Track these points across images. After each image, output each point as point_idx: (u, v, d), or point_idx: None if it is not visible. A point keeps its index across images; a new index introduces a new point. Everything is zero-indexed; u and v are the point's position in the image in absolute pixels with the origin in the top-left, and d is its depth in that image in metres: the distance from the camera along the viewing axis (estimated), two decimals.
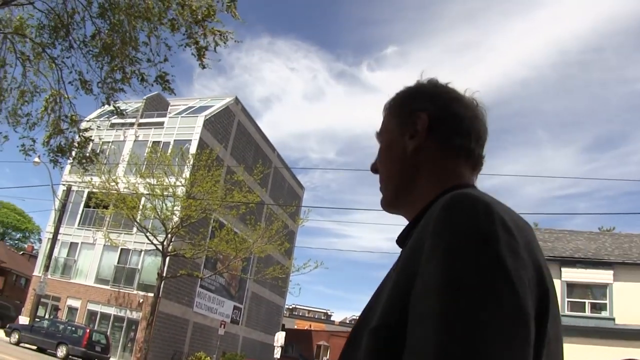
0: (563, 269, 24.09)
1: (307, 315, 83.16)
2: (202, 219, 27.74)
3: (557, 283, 23.72)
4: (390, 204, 1.12)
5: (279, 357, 31.55)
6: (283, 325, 47.33)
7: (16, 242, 65.68)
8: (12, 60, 11.81)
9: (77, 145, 12.58)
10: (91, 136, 13.33)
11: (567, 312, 23.42)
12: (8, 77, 11.96)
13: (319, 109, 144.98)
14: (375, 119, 1.25)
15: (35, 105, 12.57)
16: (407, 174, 1.06)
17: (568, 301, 23.70)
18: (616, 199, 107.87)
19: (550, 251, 25.22)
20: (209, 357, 28.64)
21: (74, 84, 11.45)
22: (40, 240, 67.47)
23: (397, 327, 0.78)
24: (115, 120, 30.96)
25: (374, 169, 1.16)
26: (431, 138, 1.04)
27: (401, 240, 1.03)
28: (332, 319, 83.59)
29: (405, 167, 1.06)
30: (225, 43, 10.76)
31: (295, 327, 64.42)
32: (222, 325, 29.75)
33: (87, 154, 13.07)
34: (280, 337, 31.18)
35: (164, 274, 26.15)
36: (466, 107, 1.07)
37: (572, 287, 24.02)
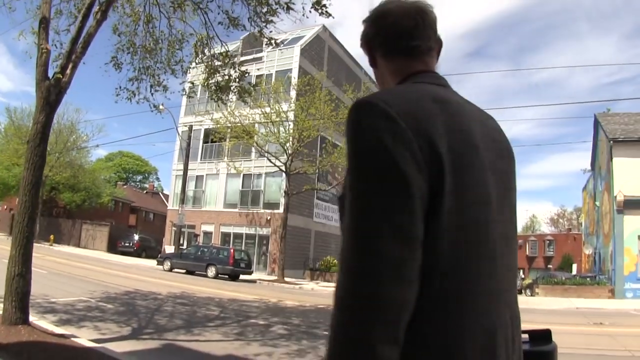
0: None
1: None
2: (314, 139, 30.18)
3: None
4: None
5: None
6: None
7: (138, 183, 73.65)
8: (156, 13, 11.98)
9: (235, 80, 12.93)
10: (246, 69, 13.65)
11: None
12: (156, 32, 12.20)
13: None
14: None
15: (185, 52, 12.94)
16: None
17: None
18: None
19: (634, 133, 28.37)
20: (335, 260, 31.70)
21: (224, 23, 11.54)
22: (158, 179, 75.46)
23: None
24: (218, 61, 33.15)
25: None
26: (377, 54, 1.36)
27: None
28: None
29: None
30: None
31: None
32: None
33: (245, 87, 13.40)
34: None
35: (289, 191, 29.14)
36: (391, 14, 1.31)
37: None
